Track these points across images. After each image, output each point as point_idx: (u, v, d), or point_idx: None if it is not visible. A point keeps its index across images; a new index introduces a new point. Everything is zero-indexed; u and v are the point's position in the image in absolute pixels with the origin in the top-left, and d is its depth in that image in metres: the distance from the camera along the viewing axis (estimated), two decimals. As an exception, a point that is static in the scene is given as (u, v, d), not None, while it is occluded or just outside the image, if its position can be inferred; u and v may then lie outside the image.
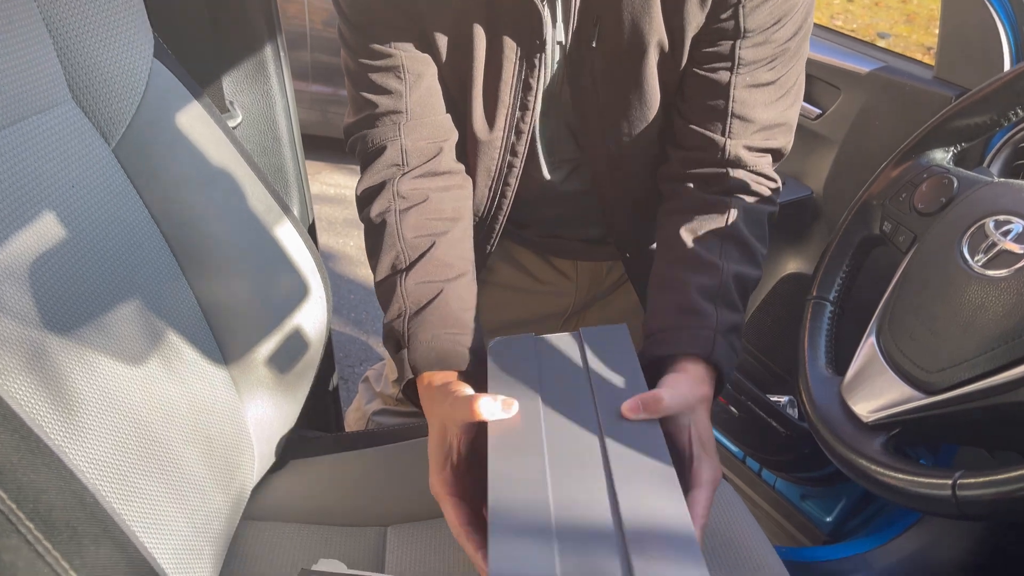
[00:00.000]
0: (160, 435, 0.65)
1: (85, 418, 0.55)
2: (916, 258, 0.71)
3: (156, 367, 0.66)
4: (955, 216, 0.69)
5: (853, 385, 0.71)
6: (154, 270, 0.70)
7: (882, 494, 0.63)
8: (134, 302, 0.66)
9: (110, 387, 0.59)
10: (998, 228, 0.65)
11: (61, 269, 0.59)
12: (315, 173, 3.42)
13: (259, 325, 0.80)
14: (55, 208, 0.62)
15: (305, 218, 1.12)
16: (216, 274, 0.76)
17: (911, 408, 0.64)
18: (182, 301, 0.73)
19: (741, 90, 0.78)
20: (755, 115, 0.79)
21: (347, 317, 2.38)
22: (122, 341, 0.62)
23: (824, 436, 0.70)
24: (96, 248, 0.64)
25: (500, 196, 0.91)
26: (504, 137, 0.85)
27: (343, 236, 2.82)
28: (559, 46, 0.79)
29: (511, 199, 0.91)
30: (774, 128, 0.81)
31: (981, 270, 0.64)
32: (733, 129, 0.80)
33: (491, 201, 0.91)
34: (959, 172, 0.74)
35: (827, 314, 0.79)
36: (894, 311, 0.70)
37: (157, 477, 0.63)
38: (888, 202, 0.77)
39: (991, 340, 0.60)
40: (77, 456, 0.53)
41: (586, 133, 0.86)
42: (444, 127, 0.85)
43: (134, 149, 0.72)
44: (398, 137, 0.83)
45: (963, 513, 0.57)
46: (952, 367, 0.62)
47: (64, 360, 0.55)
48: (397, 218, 0.81)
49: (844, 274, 0.80)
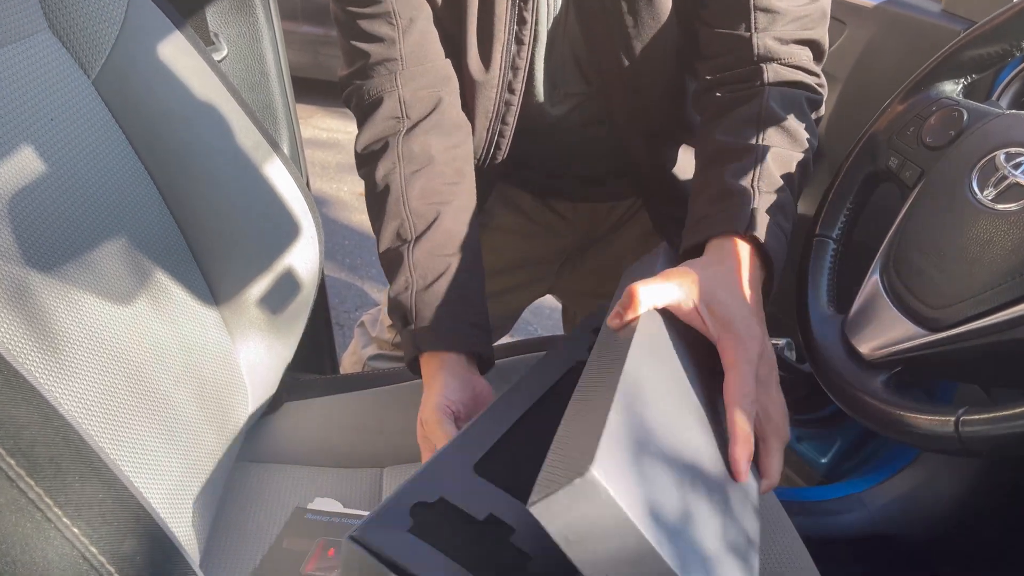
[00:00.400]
0: (150, 376, 0.63)
1: (71, 356, 0.53)
2: (923, 193, 0.69)
3: (144, 306, 0.65)
4: (964, 149, 0.67)
5: (855, 323, 0.70)
6: (139, 207, 0.68)
7: (884, 432, 0.63)
8: (119, 240, 0.64)
9: (96, 326, 0.58)
10: (1009, 161, 0.63)
11: (42, 204, 0.57)
12: (307, 117, 3.36)
13: (249, 265, 0.78)
14: (33, 141, 0.59)
15: (295, 158, 1.09)
16: (203, 211, 0.74)
17: (915, 345, 0.63)
18: (169, 239, 0.71)
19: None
20: (779, 5, 0.75)
21: (341, 263, 2.36)
22: (108, 279, 0.61)
23: (825, 374, 0.69)
24: (78, 183, 0.62)
25: (498, 136, 0.88)
26: (500, 76, 0.82)
27: (336, 181, 2.79)
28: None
29: (509, 139, 0.89)
30: (804, 18, 0.77)
31: (990, 204, 0.62)
32: (758, 23, 0.76)
33: (489, 143, 0.89)
34: (969, 104, 0.72)
35: (829, 252, 0.77)
36: (899, 247, 0.69)
37: (148, 418, 0.61)
38: (895, 136, 0.75)
39: (999, 275, 0.59)
40: (63, 395, 0.52)
41: (596, 62, 0.83)
42: (442, 73, 0.83)
43: (115, 81, 0.69)
44: (395, 88, 0.80)
45: (966, 449, 0.56)
46: (958, 303, 0.61)
47: (47, 297, 0.53)
48: (402, 183, 0.79)
49: (848, 211, 0.78)
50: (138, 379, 0.61)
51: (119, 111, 0.70)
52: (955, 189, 0.65)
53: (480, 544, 0.52)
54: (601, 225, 1.07)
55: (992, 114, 0.70)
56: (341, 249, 2.41)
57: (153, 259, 0.68)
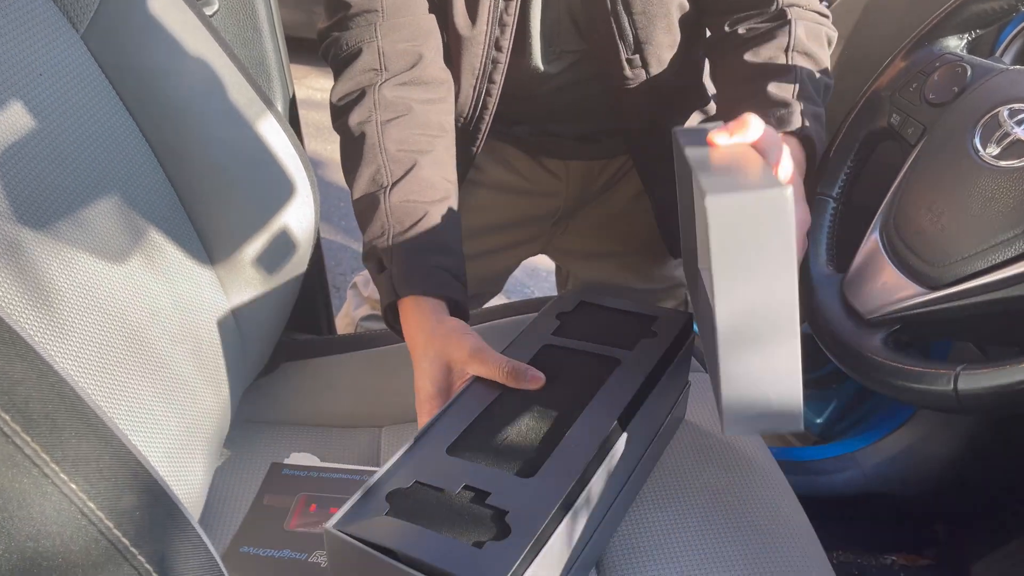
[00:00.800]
0: (146, 335, 0.63)
1: (65, 314, 0.53)
2: (925, 150, 0.69)
3: (138, 265, 0.64)
4: (968, 105, 0.66)
5: (854, 282, 0.69)
6: (131, 165, 0.67)
7: (881, 390, 0.63)
8: (111, 198, 0.63)
9: (90, 284, 0.57)
10: (1012, 117, 0.63)
11: (32, 160, 0.56)
12: (301, 77, 3.32)
13: (244, 224, 0.78)
14: (22, 97, 0.58)
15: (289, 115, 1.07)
16: (196, 170, 0.73)
17: (914, 303, 0.63)
18: (162, 197, 0.71)
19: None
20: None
21: (337, 225, 2.35)
22: (101, 237, 0.60)
23: (824, 333, 0.69)
24: (68, 140, 0.61)
25: (485, 95, 0.87)
26: (488, 32, 0.81)
27: (331, 143, 2.76)
28: None
29: (496, 97, 0.88)
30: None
31: (993, 160, 0.61)
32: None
33: (476, 100, 0.88)
34: (973, 60, 0.71)
35: (829, 211, 0.77)
36: (900, 206, 0.68)
37: (145, 377, 0.61)
38: (898, 93, 0.74)
39: (1000, 233, 0.58)
40: (58, 353, 0.52)
41: (592, 19, 0.81)
42: (424, 28, 0.81)
43: (104, 36, 0.68)
44: (375, 39, 0.79)
45: (962, 407, 0.56)
46: (958, 261, 0.60)
47: (39, 255, 0.53)
48: (379, 129, 0.77)
49: (848, 170, 0.77)
50: (134, 338, 0.61)
51: (109, 67, 0.69)
52: (957, 146, 0.65)
53: (459, 513, 0.54)
54: (594, 184, 1.06)
55: (996, 70, 0.69)
56: (336, 211, 2.39)
57: (146, 217, 0.67)
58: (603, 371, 0.66)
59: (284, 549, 0.70)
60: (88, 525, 0.39)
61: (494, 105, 0.88)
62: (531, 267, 2.34)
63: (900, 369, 0.60)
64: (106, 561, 0.40)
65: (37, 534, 0.37)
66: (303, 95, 3.20)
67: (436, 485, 0.55)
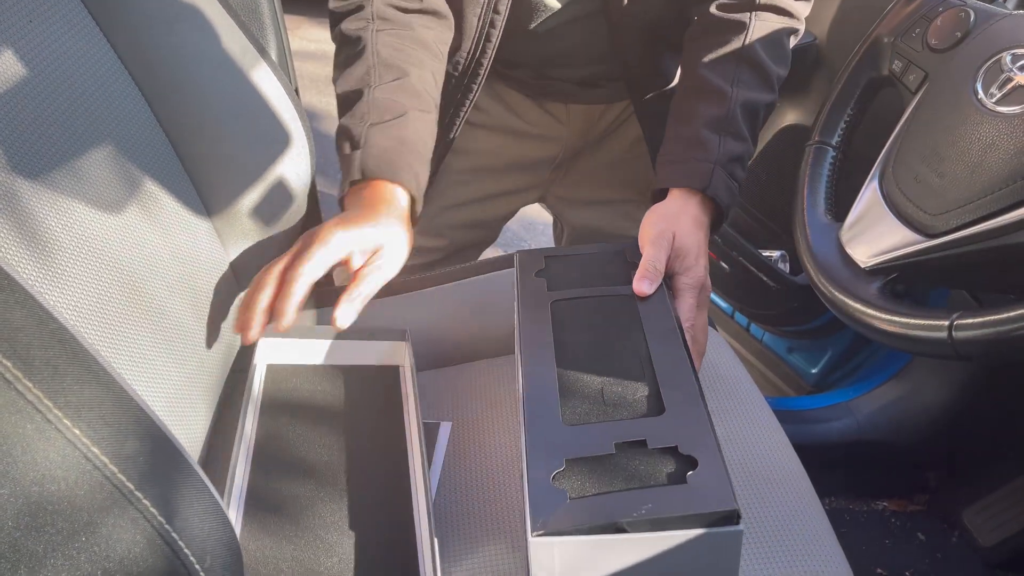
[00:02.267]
0: (145, 285, 0.63)
1: (62, 263, 0.53)
2: (926, 97, 0.68)
3: (135, 215, 0.64)
4: (970, 51, 0.66)
5: (852, 231, 0.69)
6: (123, 114, 0.67)
7: (878, 339, 0.63)
8: (104, 147, 0.63)
9: (87, 234, 0.57)
10: (1015, 62, 0.62)
11: (22, 107, 0.55)
12: (294, 28, 3.27)
13: (240, 175, 0.77)
14: (12, 45, 0.57)
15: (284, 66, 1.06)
16: (190, 119, 0.72)
17: (911, 252, 0.63)
18: (156, 147, 0.70)
19: None
20: None
21: (334, 178, 2.33)
22: (95, 186, 0.60)
23: (821, 282, 0.69)
24: (59, 88, 0.60)
25: (489, 27, 0.86)
26: None
27: (327, 95, 2.73)
28: None
29: (500, 30, 0.87)
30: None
31: (994, 106, 0.61)
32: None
33: (479, 33, 0.87)
34: (976, 5, 0.70)
35: (829, 159, 0.76)
36: (899, 154, 0.68)
37: (145, 326, 0.61)
38: (899, 39, 0.73)
39: (999, 180, 0.58)
40: (57, 302, 0.52)
41: None
42: None
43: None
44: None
45: (959, 354, 0.57)
46: (957, 208, 0.60)
47: (33, 203, 0.52)
48: (374, 37, 0.79)
49: (849, 118, 0.77)
50: (133, 288, 0.61)
51: (100, 15, 0.67)
52: (959, 92, 0.64)
53: (632, 467, 0.54)
54: (594, 128, 1.05)
55: (999, 15, 0.68)
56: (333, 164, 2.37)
57: (141, 167, 0.67)
58: (626, 306, 0.68)
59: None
60: (92, 470, 0.39)
61: (497, 38, 0.88)
62: (527, 220, 2.33)
63: (896, 318, 0.61)
64: (111, 505, 0.40)
65: (42, 479, 0.38)
66: (297, 46, 3.16)
67: (589, 455, 0.55)
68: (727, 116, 0.79)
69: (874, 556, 1.16)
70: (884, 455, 1.20)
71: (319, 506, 0.70)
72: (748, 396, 0.83)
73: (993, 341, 0.55)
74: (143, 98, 0.70)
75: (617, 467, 0.54)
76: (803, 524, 0.72)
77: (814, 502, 0.76)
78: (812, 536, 0.71)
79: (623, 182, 1.08)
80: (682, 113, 0.83)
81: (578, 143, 1.07)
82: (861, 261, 0.67)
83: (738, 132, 0.80)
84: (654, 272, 0.70)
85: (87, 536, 0.39)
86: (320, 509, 0.70)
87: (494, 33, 0.87)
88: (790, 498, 0.74)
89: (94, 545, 0.40)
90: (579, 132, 1.05)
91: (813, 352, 1.34)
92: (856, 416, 1.18)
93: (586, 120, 1.04)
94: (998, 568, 1.13)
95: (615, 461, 0.55)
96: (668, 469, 0.54)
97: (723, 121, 0.79)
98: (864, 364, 1.29)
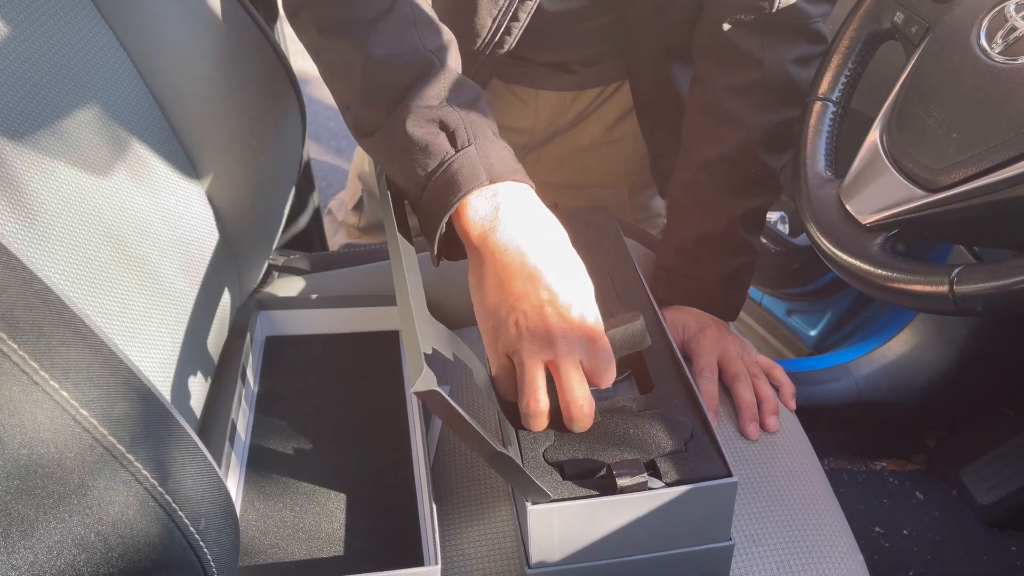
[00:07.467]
0: (135, 248, 0.62)
1: (48, 225, 0.52)
2: (928, 50, 0.67)
3: (123, 177, 0.63)
4: (972, 1, 0.64)
5: (853, 187, 0.68)
6: (110, 76, 0.65)
7: (879, 295, 0.62)
8: (91, 108, 0.61)
9: (74, 196, 0.56)
10: (1019, 12, 0.60)
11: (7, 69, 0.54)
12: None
13: (230, 138, 0.76)
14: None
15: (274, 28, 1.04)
16: (178, 82, 0.71)
17: (913, 207, 0.62)
18: (144, 110, 0.69)
19: None
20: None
21: (327, 145, 2.31)
22: (82, 148, 0.58)
23: (821, 239, 0.68)
24: (44, 48, 0.59)
25: (504, 34, 0.84)
26: None
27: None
28: None
29: (516, 37, 0.84)
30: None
31: (997, 57, 0.60)
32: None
33: (491, 35, 0.84)
34: (981, -47, 0.68)
35: (829, 115, 0.75)
36: (901, 108, 0.67)
37: (136, 290, 0.61)
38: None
39: (1001, 132, 0.57)
40: (44, 264, 0.51)
41: None
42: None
43: (74, -62, 0.64)
44: None
45: (960, 308, 0.56)
46: (959, 162, 0.59)
47: (17, 164, 0.51)
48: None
49: (849, 72, 0.75)
50: (123, 251, 0.60)
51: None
52: (961, 44, 0.63)
53: (629, 441, 0.57)
54: (564, 115, 1.02)
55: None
56: (326, 131, 2.35)
57: (129, 130, 0.65)
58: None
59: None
60: (82, 432, 0.39)
61: (511, 45, 0.84)
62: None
63: (897, 274, 0.60)
64: (102, 467, 0.40)
65: (30, 441, 0.37)
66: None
67: (581, 455, 0.57)
68: (727, 232, 0.81)
69: (872, 515, 1.16)
70: (883, 416, 1.20)
71: (318, 472, 0.70)
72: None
73: (994, 294, 0.54)
74: (129, 59, 0.68)
75: (605, 433, 0.58)
76: (802, 484, 0.72)
77: (813, 462, 0.76)
78: (811, 496, 0.71)
79: (597, 170, 1.07)
80: (681, 216, 0.85)
81: (548, 130, 1.03)
82: (861, 217, 0.66)
83: (739, 244, 0.82)
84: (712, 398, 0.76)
85: (78, 499, 0.39)
86: (319, 475, 0.69)
87: (508, 40, 0.84)
88: (789, 458, 0.74)
89: (86, 508, 0.39)
90: (548, 119, 1.01)
91: (812, 314, 1.34)
92: (855, 377, 1.18)
93: (556, 107, 1.00)
94: (995, 526, 1.14)
95: (602, 428, 0.58)
96: (665, 441, 0.57)
97: (722, 237, 0.81)
98: (863, 326, 1.28)
